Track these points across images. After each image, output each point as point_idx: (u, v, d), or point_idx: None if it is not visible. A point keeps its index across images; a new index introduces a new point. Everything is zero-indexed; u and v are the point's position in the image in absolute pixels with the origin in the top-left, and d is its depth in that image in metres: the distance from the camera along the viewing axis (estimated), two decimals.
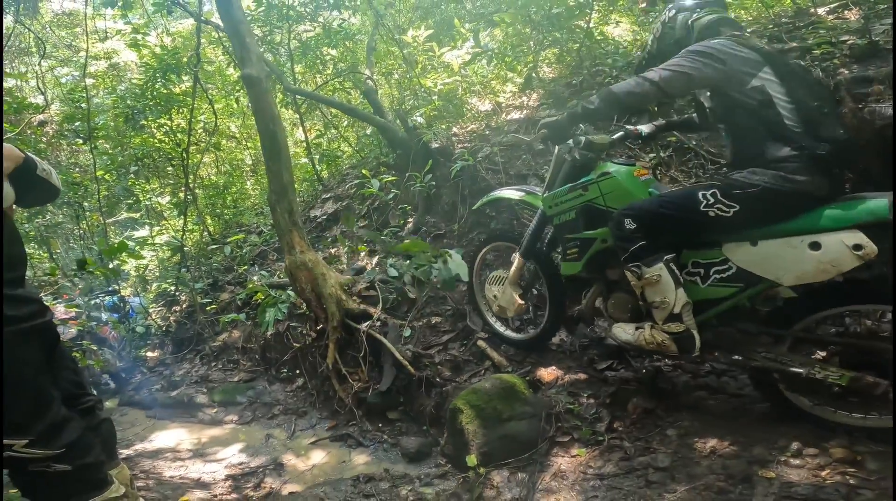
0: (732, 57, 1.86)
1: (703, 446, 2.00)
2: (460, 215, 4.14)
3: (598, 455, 2.14)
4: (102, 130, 6.50)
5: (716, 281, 1.95)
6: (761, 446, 1.91)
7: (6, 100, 5.80)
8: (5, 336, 1.35)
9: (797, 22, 4.15)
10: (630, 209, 2.04)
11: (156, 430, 3.53)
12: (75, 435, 1.49)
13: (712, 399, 2.33)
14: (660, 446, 2.07)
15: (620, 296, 2.30)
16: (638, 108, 2.17)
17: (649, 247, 1.98)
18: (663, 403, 2.32)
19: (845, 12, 4.06)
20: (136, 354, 4.97)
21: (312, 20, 6.46)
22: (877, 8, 3.76)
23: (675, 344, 2.01)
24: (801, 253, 1.73)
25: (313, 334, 3.48)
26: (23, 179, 1.48)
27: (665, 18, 2.22)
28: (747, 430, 2.02)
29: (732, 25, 2.09)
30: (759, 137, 1.83)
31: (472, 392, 2.40)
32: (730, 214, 1.84)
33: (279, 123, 3.47)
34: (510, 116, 4.85)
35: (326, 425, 3.13)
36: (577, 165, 2.44)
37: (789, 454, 1.83)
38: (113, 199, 7.30)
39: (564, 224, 2.44)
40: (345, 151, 7.23)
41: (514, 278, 2.77)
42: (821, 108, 1.78)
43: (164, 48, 6.14)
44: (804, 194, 1.76)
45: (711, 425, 2.11)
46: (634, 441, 2.15)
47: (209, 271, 5.74)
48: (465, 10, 7.06)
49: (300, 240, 3.29)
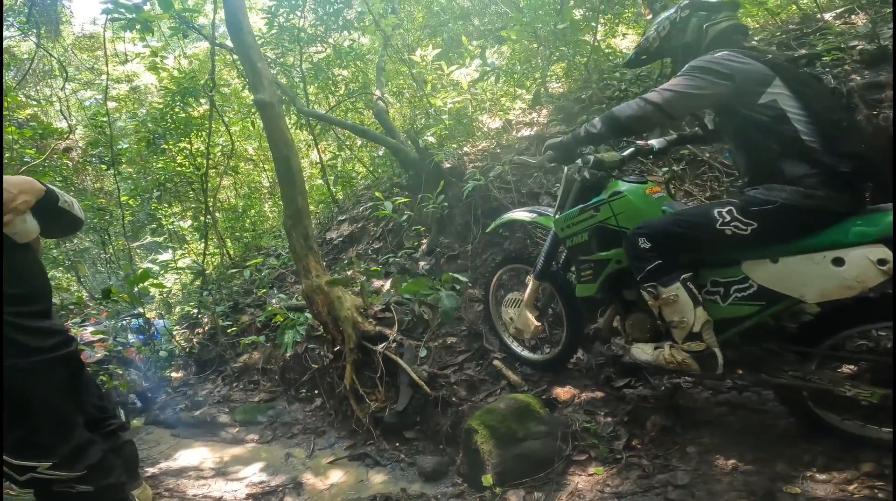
0: (740, 72, 1.78)
1: (723, 463, 1.97)
2: (473, 235, 4.16)
3: (616, 473, 2.11)
4: (125, 154, 6.70)
5: (736, 299, 1.90)
6: (784, 462, 1.87)
7: (31, 125, 5.98)
8: (33, 366, 1.41)
9: (804, 28, 4.12)
10: (644, 228, 1.99)
11: (180, 448, 3.62)
12: (97, 457, 1.54)
13: (733, 416, 2.28)
14: (679, 463, 2.04)
15: (638, 316, 2.25)
16: (641, 131, 2.11)
17: (665, 266, 1.93)
18: (682, 420, 2.28)
19: (852, 17, 4.03)
20: (162, 374, 5.12)
21: (323, 41, 6.63)
22: (883, 12, 3.72)
23: (696, 363, 1.95)
24: (823, 269, 1.67)
25: (331, 355, 3.53)
26: (45, 211, 1.50)
27: (676, 18, 2.10)
28: (769, 446, 1.98)
29: (743, 33, 2.03)
30: (775, 154, 1.76)
31: (487, 412, 2.41)
32: (747, 232, 1.78)
33: (292, 147, 3.56)
34: (521, 133, 4.87)
35: (345, 444, 3.16)
36: (587, 184, 2.39)
37: (814, 469, 1.79)
38: (137, 223, 7.52)
39: (577, 246, 2.38)
40: (359, 172, 7.33)
41: (530, 300, 2.73)
42: (839, 122, 1.71)
43: (181, 71, 6.32)
44: (825, 209, 1.69)
45: (732, 441, 2.07)
46: (653, 459, 2.12)
47: (230, 294, 5.88)
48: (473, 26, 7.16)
49: (316, 264, 3.36)
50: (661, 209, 2.16)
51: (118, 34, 6.80)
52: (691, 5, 2.07)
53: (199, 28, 5.26)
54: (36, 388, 1.41)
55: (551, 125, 4.67)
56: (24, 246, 1.49)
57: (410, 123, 5.24)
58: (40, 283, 1.56)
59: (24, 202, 1.40)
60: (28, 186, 1.43)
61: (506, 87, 5.40)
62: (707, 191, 3.36)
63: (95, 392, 1.82)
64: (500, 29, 5.87)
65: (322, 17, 6.23)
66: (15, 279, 1.42)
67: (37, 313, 1.48)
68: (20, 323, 1.40)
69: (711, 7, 2.04)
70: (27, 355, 1.40)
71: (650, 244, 1.95)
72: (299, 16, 6.12)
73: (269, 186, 8.93)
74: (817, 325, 1.88)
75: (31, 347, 1.41)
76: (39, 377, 1.42)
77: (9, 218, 1.38)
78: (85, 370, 1.76)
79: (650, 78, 4.29)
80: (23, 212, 1.41)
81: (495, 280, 3.11)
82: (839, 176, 1.66)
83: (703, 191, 3.36)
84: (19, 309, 1.40)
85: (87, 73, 10.47)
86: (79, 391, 1.68)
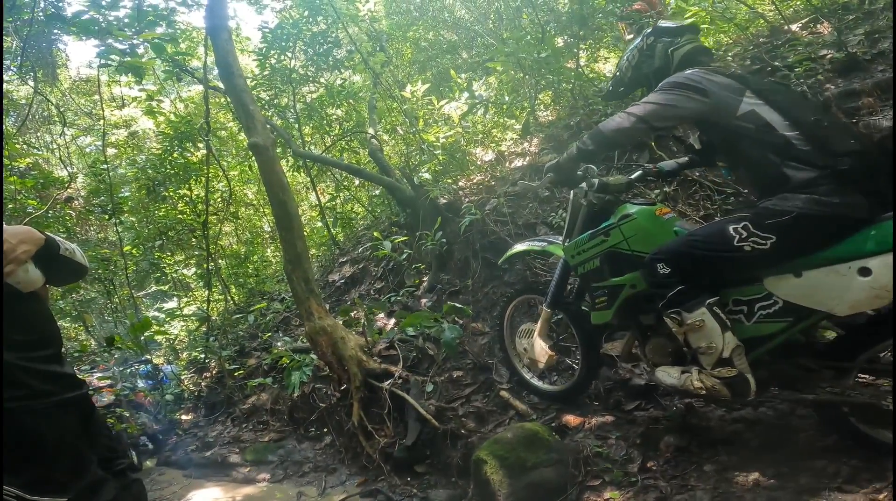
0: (713, 85, 1.83)
1: (744, 480, 1.93)
2: (473, 270, 4.17)
3: (633, 496, 2.09)
4: (126, 203, 6.72)
5: (762, 317, 1.82)
6: (808, 475, 1.83)
7: (33, 174, 6.03)
8: (46, 408, 1.45)
9: (774, 41, 4.22)
10: (661, 253, 1.93)
11: (192, 489, 3.62)
12: (111, 496, 1.56)
13: (749, 432, 2.24)
14: (698, 483, 2.01)
15: (659, 341, 2.18)
16: (628, 143, 2.13)
17: (688, 291, 1.86)
18: (697, 439, 2.25)
19: (817, 27, 4.11)
20: (172, 417, 5.17)
21: (314, 81, 6.78)
22: (846, 19, 3.81)
23: (727, 389, 1.85)
24: (850, 281, 1.61)
25: (338, 393, 3.54)
26: (47, 260, 1.52)
27: (642, 45, 2.17)
28: (791, 460, 1.94)
29: (707, 54, 2.09)
30: (774, 163, 1.73)
31: (495, 442, 2.41)
32: (767, 246, 1.71)
33: (288, 191, 3.60)
34: (513, 164, 4.96)
35: (356, 481, 3.14)
36: (594, 209, 2.34)
37: (841, 480, 1.75)
38: (141, 273, 7.56)
39: (589, 273, 2.32)
40: (358, 212, 7.38)
41: (542, 330, 2.66)
42: (820, 122, 1.71)
43: (177, 116, 6.39)
44: (842, 216, 1.64)
45: (751, 458, 2.04)
46: (670, 480, 2.09)
47: (235, 338, 5.91)
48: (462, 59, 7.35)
49: (318, 306, 3.39)
50: (672, 230, 2.11)
51: (113, 78, 6.89)
52: (655, 32, 2.16)
53: (191, 72, 5.31)
54: (51, 429, 1.44)
55: (543, 154, 4.76)
56: (32, 294, 1.54)
57: (406, 160, 5.33)
58: (49, 329, 1.60)
59: (24, 252, 1.43)
60: (28, 235, 1.45)
61: (496, 118, 5.52)
62: (700, 210, 3.37)
63: (105, 433, 1.85)
64: (487, 61, 6.02)
65: (312, 58, 6.39)
66: (24, 327, 1.46)
67: (46, 357, 1.52)
68: (32, 367, 1.44)
69: (673, 32, 2.12)
70: (40, 397, 1.44)
71: (669, 269, 1.89)
72: (290, 57, 6.27)
73: (269, 230, 8.99)
74: (851, 338, 1.82)
75: (43, 390, 1.45)
76: (53, 419, 1.45)
77: (10, 268, 1.41)
78: (96, 411, 1.79)
79: (635, 99, 4.38)
80: (24, 262, 1.44)
81: (509, 313, 3.03)
82: (844, 176, 1.63)
83: (696, 210, 3.38)
84: (30, 354, 1.45)
85: (86, 118, 10.37)
86: (91, 432, 1.71)
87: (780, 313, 1.79)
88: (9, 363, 1.37)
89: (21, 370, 1.41)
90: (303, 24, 6.05)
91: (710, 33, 4.89)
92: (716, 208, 3.29)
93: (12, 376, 1.38)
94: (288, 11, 6.69)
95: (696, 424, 2.39)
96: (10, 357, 1.38)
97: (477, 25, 7.52)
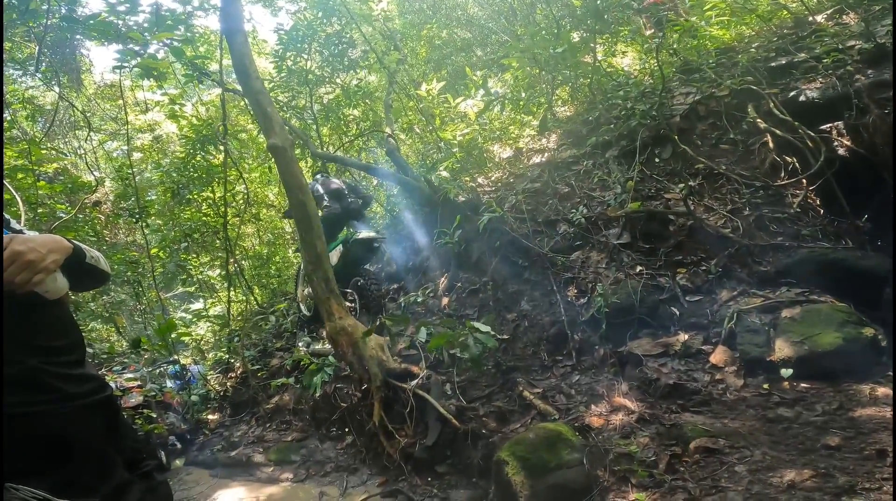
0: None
1: (779, 480, 1.86)
2: (493, 267, 4.14)
3: (660, 498, 2.04)
4: (153, 206, 6.85)
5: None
6: (845, 474, 1.77)
7: (61, 179, 6.17)
8: (73, 410, 1.48)
9: (799, 32, 4.08)
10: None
11: (218, 489, 3.68)
12: (136, 498, 1.58)
13: (783, 431, 2.18)
14: (729, 484, 1.95)
15: None
16: None
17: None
18: (727, 439, 2.19)
19: (843, 17, 3.97)
20: (199, 417, 5.28)
21: (331, 82, 6.83)
22: (873, 9, 3.66)
23: None
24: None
25: (358, 394, 3.56)
26: (73, 268, 1.54)
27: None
28: (826, 459, 1.88)
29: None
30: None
31: (516, 443, 2.38)
32: None
33: (307, 192, 3.62)
34: (532, 160, 4.90)
35: (377, 481, 3.15)
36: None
37: (879, 477, 1.69)
38: (168, 275, 7.71)
39: None
40: (377, 212, 7.43)
41: None
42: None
43: (199, 119, 6.47)
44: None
45: (785, 457, 1.98)
46: (699, 481, 2.03)
47: (259, 339, 5.97)
48: (477, 56, 7.30)
49: (338, 307, 3.41)
50: None
51: (136, 83, 7.00)
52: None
53: (210, 74, 5.34)
54: (77, 431, 1.46)
55: (562, 149, 4.69)
56: (58, 301, 1.58)
57: (423, 159, 5.32)
58: (73, 334, 1.64)
59: (53, 261, 1.45)
60: (56, 245, 1.46)
61: (513, 114, 5.46)
62: (728, 204, 3.27)
63: (132, 435, 1.88)
64: (502, 58, 5.96)
65: (328, 59, 6.45)
66: (52, 333, 1.49)
67: (73, 362, 1.56)
68: (60, 372, 1.47)
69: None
70: (67, 400, 1.47)
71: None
72: (306, 58, 6.34)
73: (290, 231, 9.09)
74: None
75: (71, 393, 1.48)
76: (80, 421, 1.48)
77: (40, 278, 1.44)
78: (121, 414, 1.82)
79: (654, 94, 4.28)
80: (53, 271, 1.48)
81: None
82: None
83: (723, 205, 3.28)
84: (56, 359, 1.48)
85: (112, 123, 10.49)
86: (117, 434, 1.74)
87: None
88: (35, 368, 1.40)
89: (48, 374, 1.44)
90: (317, 25, 6.09)
91: (732, 25, 4.74)
92: (744, 202, 3.18)
93: (40, 380, 1.42)
94: (302, 13, 6.74)
95: (727, 424, 2.32)
96: (36, 362, 1.41)
97: (490, 22, 7.48)
